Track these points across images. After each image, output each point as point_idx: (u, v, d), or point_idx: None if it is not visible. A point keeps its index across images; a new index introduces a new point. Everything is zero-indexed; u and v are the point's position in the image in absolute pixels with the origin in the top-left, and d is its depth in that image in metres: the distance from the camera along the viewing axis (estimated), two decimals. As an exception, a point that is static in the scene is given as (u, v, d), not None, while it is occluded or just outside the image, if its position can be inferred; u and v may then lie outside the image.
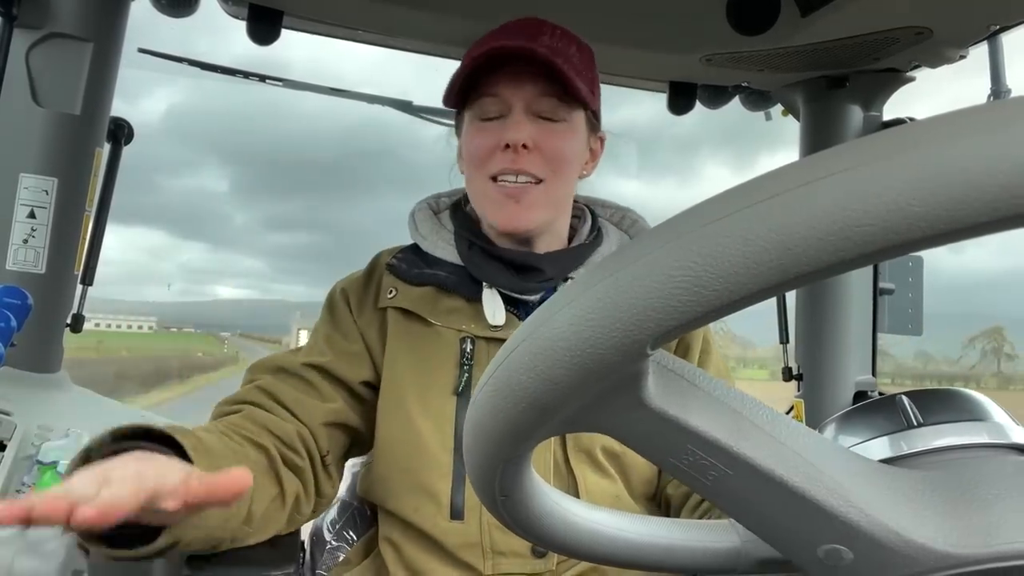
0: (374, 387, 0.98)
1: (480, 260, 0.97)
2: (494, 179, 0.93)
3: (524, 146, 0.91)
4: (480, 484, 0.41)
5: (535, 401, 0.31)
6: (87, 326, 1.46)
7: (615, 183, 1.15)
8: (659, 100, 1.69)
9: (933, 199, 0.22)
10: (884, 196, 0.22)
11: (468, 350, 0.94)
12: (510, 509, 0.43)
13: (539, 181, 0.93)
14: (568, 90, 0.91)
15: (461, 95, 0.96)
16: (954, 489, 0.35)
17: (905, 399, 0.41)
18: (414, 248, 1.05)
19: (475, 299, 0.96)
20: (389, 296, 0.99)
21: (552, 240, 0.99)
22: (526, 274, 0.96)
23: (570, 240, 1.03)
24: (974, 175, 0.22)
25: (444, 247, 1.01)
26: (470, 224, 1.02)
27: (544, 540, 0.47)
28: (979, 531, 0.33)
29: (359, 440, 0.99)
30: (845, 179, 0.23)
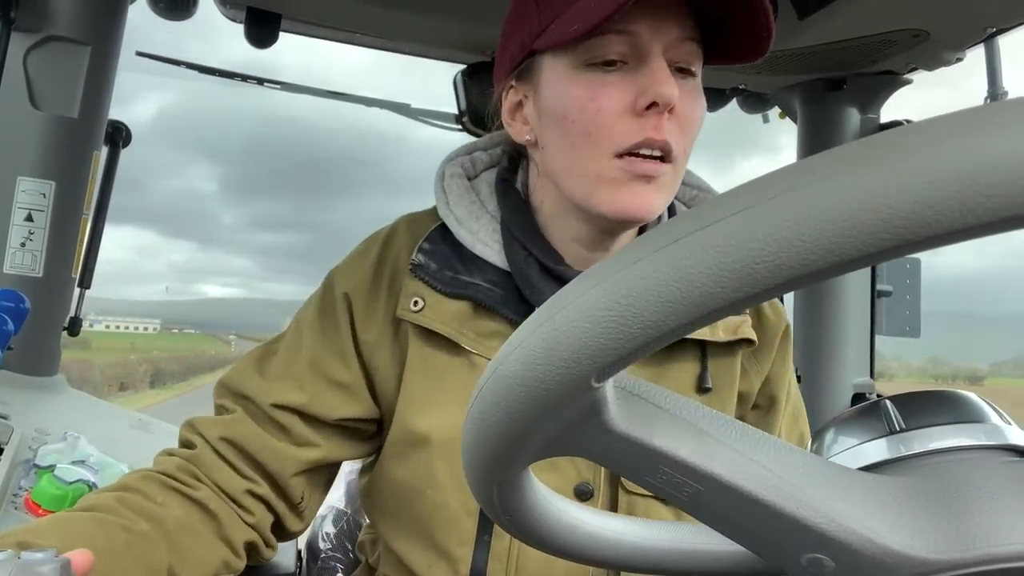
0: (361, 419, 0.80)
1: (537, 278, 0.74)
2: (621, 155, 0.67)
3: (670, 109, 0.66)
4: (483, 504, 0.42)
5: (505, 433, 0.34)
6: (97, 327, 1.45)
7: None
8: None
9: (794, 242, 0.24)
10: (776, 232, 0.24)
11: None
12: (518, 525, 0.44)
13: (667, 159, 0.68)
14: (762, 28, 0.64)
15: (567, 35, 0.65)
16: (933, 494, 0.35)
17: (888, 404, 0.41)
18: (443, 232, 0.79)
19: (519, 322, 0.76)
20: (415, 308, 0.75)
21: (628, 238, 0.77)
22: None
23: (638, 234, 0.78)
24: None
25: (486, 242, 0.77)
26: (524, 216, 0.77)
27: (556, 550, 0.47)
28: (959, 536, 0.33)
29: (343, 466, 0.85)
30: (742, 217, 0.25)
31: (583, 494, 0.75)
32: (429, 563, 0.77)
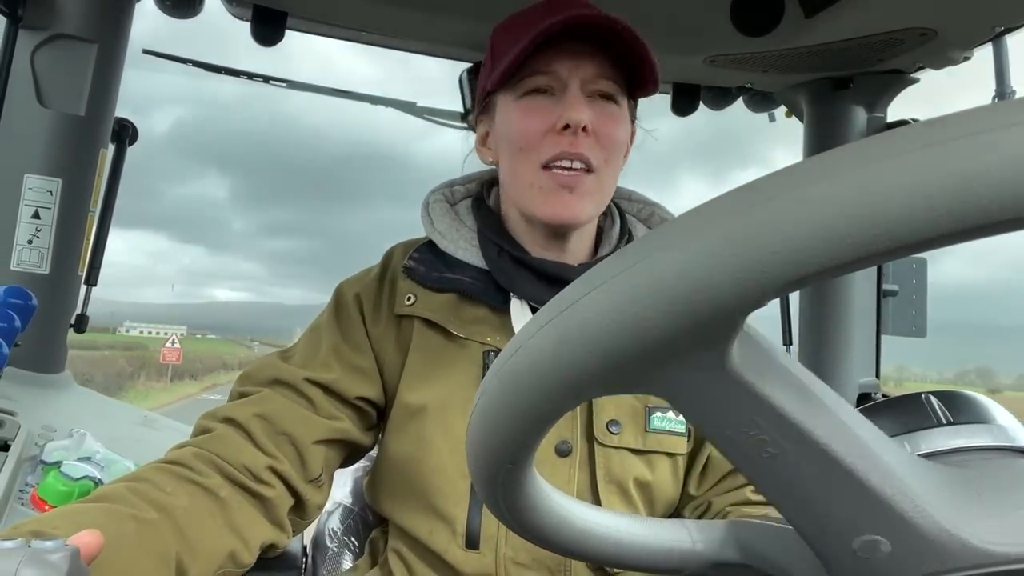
0: (373, 402, 0.90)
1: (510, 268, 0.88)
2: (546, 167, 0.84)
3: (584, 128, 0.82)
4: (484, 493, 0.42)
5: (611, 349, 0.30)
6: (132, 332, 1.46)
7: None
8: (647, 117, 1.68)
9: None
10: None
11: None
12: (516, 517, 0.44)
13: (590, 170, 0.84)
14: (643, 69, 0.84)
15: (505, 75, 0.85)
16: (991, 488, 0.35)
17: (932, 397, 0.41)
18: (430, 245, 0.94)
19: (500, 309, 0.89)
20: (408, 303, 0.90)
21: (583, 241, 0.92)
22: (557, 286, 0.85)
23: (597, 241, 0.95)
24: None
25: (466, 248, 0.92)
26: (495, 223, 0.93)
27: (552, 544, 0.47)
28: (1019, 530, 0.33)
29: (356, 451, 0.92)
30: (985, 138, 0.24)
31: (563, 452, 0.85)
32: (430, 529, 0.86)
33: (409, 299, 0.90)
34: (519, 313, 0.88)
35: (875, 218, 0.24)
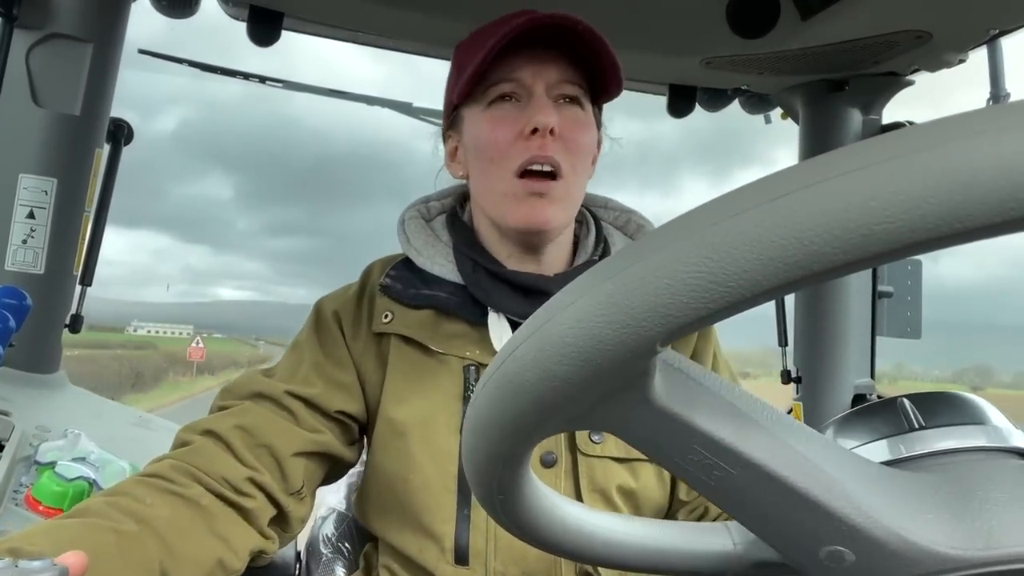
0: (355, 417, 0.89)
1: (486, 283, 0.88)
2: (520, 175, 0.83)
3: (551, 131, 0.82)
4: (478, 482, 0.41)
5: (539, 398, 0.31)
6: (140, 332, 1.46)
7: (610, 195, 1.08)
8: (647, 118, 1.69)
9: (949, 197, 0.22)
10: (901, 193, 0.22)
11: (473, 380, 0.86)
12: (508, 510, 0.43)
13: (558, 176, 0.83)
14: (606, 71, 0.84)
15: (469, 85, 0.85)
16: (956, 492, 0.35)
17: (906, 402, 0.41)
18: (407, 262, 0.94)
19: (478, 323, 0.89)
20: (385, 320, 0.90)
21: (558, 252, 0.92)
22: (534, 298, 0.86)
23: (574, 250, 0.94)
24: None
25: (442, 263, 0.91)
26: (470, 238, 0.93)
27: (541, 541, 0.47)
28: (981, 534, 0.33)
29: (338, 466, 0.91)
30: (861, 176, 0.23)
31: (548, 463, 0.85)
32: (420, 547, 0.85)
33: (387, 316, 0.90)
34: (497, 327, 0.87)
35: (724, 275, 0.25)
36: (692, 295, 0.25)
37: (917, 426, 0.39)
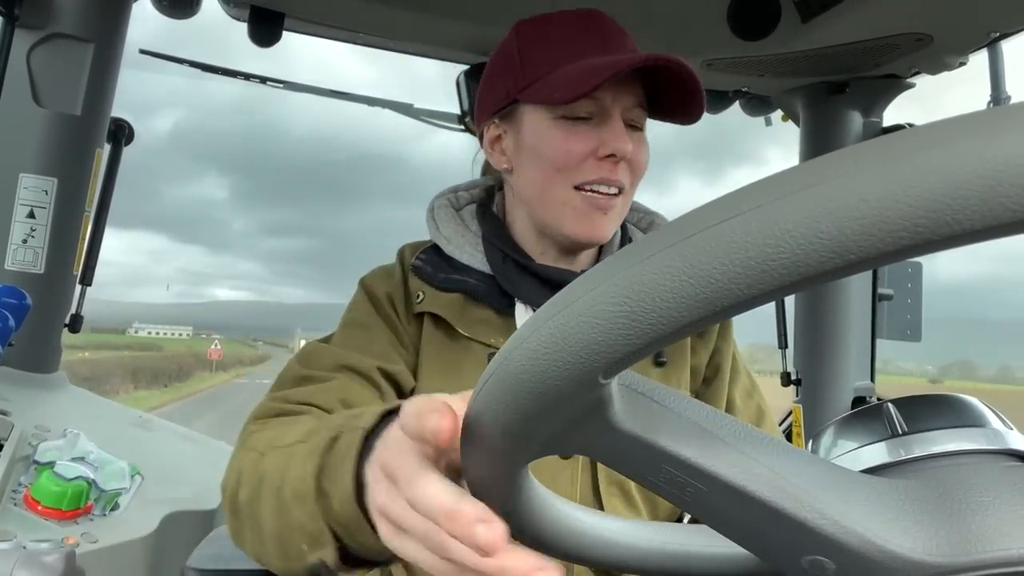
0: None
1: (514, 275, 0.90)
2: (579, 188, 0.85)
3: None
4: (483, 496, 0.41)
5: (508, 429, 0.33)
6: (141, 333, 1.45)
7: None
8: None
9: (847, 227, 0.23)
10: (795, 229, 0.23)
11: None
12: (515, 523, 0.43)
13: (620, 192, 0.86)
14: (696, 106, 0.84)
15: (560, 101, 0.83)
16: (934, 497, 0.35)
17: (891, 407, 0.41)
18: (435, 249, 0.96)
19: (504, 312, 0.91)
20: (418, 301, 0.91)
21: (589, 251, 0.94)
22: None
23: (600, 251, 0.96)
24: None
25: (471, 252, 0.93)
26: (500, 229, 0.94)
27: (551, 549, 0.47)
28: (959, 539, 0.33)
29: None
30: (755, 216, 0.24)
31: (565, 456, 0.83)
32: None
33: (419, 297, 0.92)
34: (523, 317, 0.88)
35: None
36: (619, 333, 0.27)
37: (900, 432, 0.39)
